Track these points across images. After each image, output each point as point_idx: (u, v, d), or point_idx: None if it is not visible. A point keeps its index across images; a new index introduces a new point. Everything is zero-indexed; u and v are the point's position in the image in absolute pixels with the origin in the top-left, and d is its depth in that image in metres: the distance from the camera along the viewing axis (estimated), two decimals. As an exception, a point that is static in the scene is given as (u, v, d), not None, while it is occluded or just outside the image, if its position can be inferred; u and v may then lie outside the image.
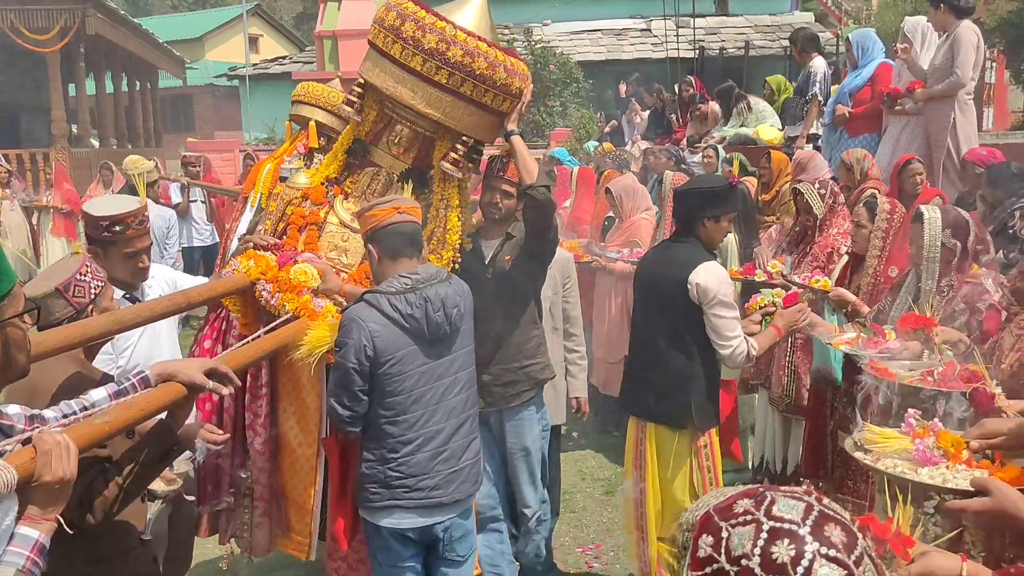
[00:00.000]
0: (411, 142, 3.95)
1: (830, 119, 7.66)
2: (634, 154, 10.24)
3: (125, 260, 3.43)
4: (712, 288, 3.79)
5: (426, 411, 3.27)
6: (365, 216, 3.32)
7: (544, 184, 3.86)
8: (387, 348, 3.17)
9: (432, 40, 3.59)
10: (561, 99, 17.04)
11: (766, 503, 1.26)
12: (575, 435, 7.14)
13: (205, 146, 17.78)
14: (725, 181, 4.01)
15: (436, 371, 3.30)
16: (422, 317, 3.21)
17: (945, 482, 2.16)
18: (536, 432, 4.34)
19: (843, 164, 6.07)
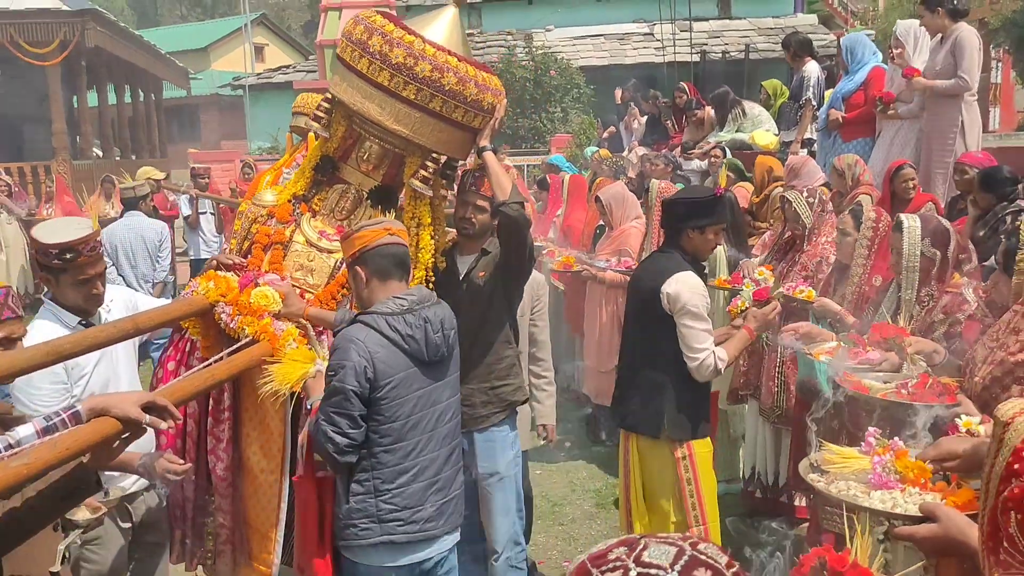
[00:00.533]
0: (380, 159, 3.85)
1: (823, 124, 7.57)
2: (631, 160, 10.19)
3: (77, 287, 3.28)
4: (682, 298, 3.75)
5: (422, 438, 3.14)
6: (353, 237, 3.20)
7: (517, 201, 3.75)
8: (387, 370, 3.05)
9: (400, 54, 3.49)
10: (562, 105, 17.01)
11: (638, 550, 1.22)
12: (567, 445, 7.08)
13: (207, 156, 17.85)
14: (711, 192, 3.97)
15: (432, 396, 3.19)
16: (422, 338, 3.11)
17: (895, 507, 2.09)
18: (509, 456, 4.17)
19: (835, 170, 6.01)
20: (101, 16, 15.09)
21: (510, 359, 4.17)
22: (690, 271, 3.86)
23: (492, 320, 4.07)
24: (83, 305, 3.34)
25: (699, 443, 3.96)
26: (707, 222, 3.88)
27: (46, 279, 3.32)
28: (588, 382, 7.06)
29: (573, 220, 7.87)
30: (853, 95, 7.32)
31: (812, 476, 2.39)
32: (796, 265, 5.09)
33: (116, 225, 8.54)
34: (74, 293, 3.29)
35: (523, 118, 16.97)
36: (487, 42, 20.51)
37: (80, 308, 3.35)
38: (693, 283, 3.82)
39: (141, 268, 8.21)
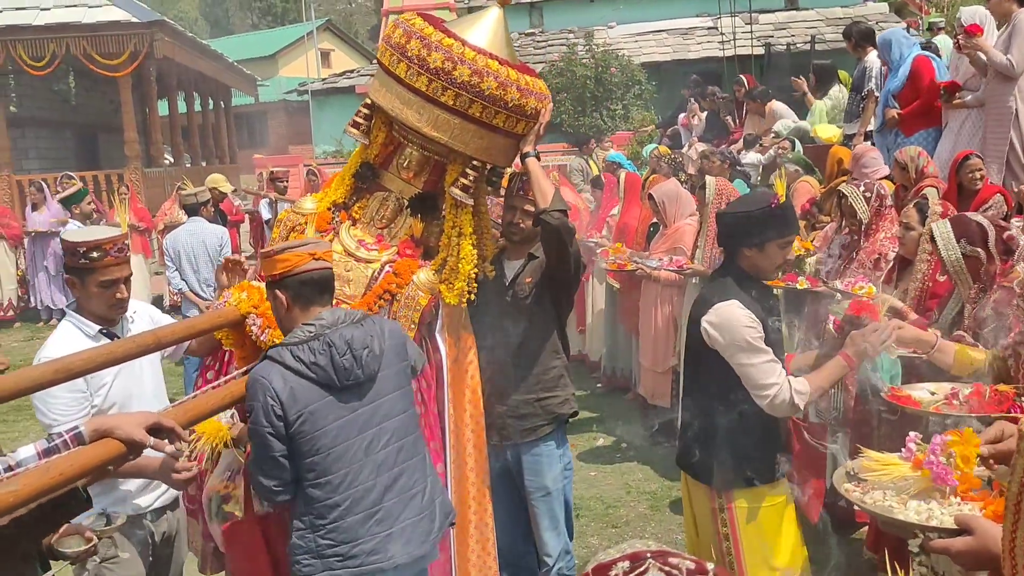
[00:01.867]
0: (421, 166, 3.75)
1: (881, 124, 7.39)
2: (691, 157, 10.04)
3: (102, 289, 3.25)
4: (724, 334, 3.23)
5: (350, 469, 2.96)
6: (275, 258, 3.01)
7: (558, 208, 3.61)
8: (296, 404, 2.89)
9: (438, 59, 3.39)
10: (623, 102, 16.85)
11: (635, 572, 1.17)
12: (622, 446, 7.00)
13: (271, 161, 18.18)
14: (765, 203, 3.37)
15: (356, 423, 2.98)
16: (327, 364, 2.92)
17: (929, 519, 1.98)
18: (557, 470, 4.02)
19: (897, 163, 5.84)
20: (169, 27, 15.47)
21: (558, 370, 4.01)
22: (734, 300, 3.27)
23: (538, 328, 3.94)
24: (106, 312, 3.32)
25: (745, 496, 3.35)
26: (767, 237, 3.31)
27: (72, 281, 3.30)
28: (644, 382, 6.97)
29: (629, 218, 7.78)
30: (901, 92, 7.16)
31: (847, 487, 2.28)
32: (854, 262, 4.94)
33: (179, 231, 8.72)
34: (98, 297, 3.27)
35: (584, 116, 16.87)
36: (548, 41, 20.46)
37: (103, 316, 3.33)
38: (734, 315, 3.24)
39: (203, 272, 8.37)
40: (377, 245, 3.70)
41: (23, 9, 14.65)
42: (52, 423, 3.14)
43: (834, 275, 4.95)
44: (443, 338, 3.72)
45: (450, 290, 3.64)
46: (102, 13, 14.48)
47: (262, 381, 2.89)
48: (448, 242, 3.70)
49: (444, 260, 3.69)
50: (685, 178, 9.09)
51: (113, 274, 3.25)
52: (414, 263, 3.64)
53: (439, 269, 3.67)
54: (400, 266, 3.62)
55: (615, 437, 7.20)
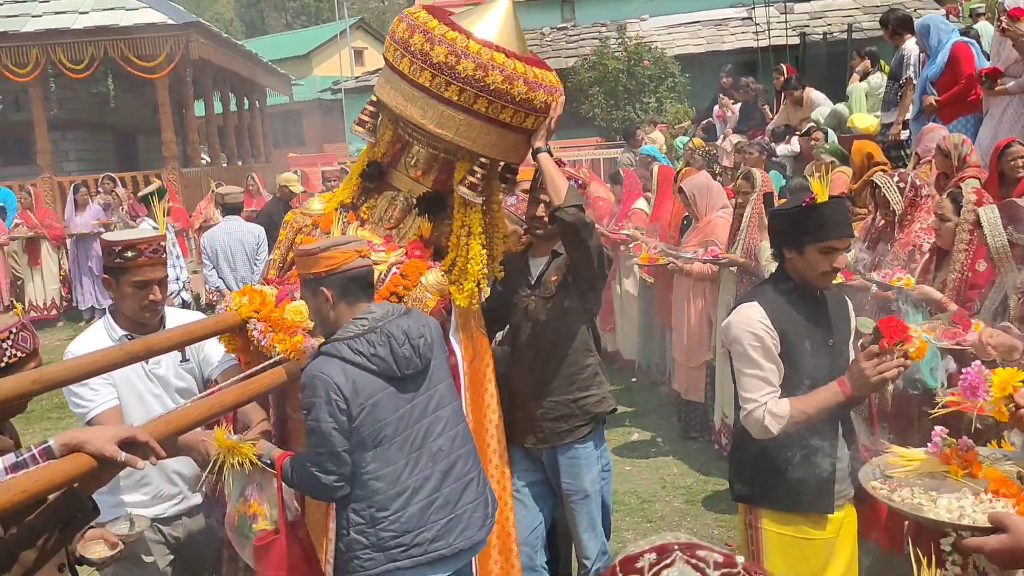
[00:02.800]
0: (429, 164, 3.65)
1: (917, 111, 7.25)
2: (725, 149, 9.96)
3: (135, 290, 3.24)
4: (733, 334, 3.04)
5: (410, 459, 2.98)
6: (320, 256, 2.97)
7: (574, 204, 3.50)
8: (359, 397, 2.89)
9: (441, 53, 3.28)
10: (656, 95, 16.74)
11: (662, 564, 1.14)
12: (658, 440, 6.96)
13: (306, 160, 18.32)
14: (798, 201, 3.10)
15: (414, 413, 3.01)
16: (387, 355, 2.94)
17: (961, 517, 1.93)
18: (595, 472, 3.93)
19: (939, 150, 5.72)
20: (205, 28, 15.64)
21: (592, 368, 3.92)
22: (755, 303, 3.06)
23: (568, 326, 3.84)
24: (138, 312, 3.30)
25: (772, 517, 3.09)
26: (806, 239, 3.01)
27: (108, 281, 3.30)
28: (678, 377, 6.92)
29: (661, 212, 7.72)
30: (940, 78, 7.02)
31: (873, 484, 2.22)
32: (888, 254, 4.85)
33: (216, 230, 8.83)
34: (132, 297, 3.26)
35: (617, 110, 16.78)
36: (580, 35, 20.38)
37: (134, 318, 3.32)
38: (746, 318, 3.03)
39: (240, 271, 8.47)
40: (384, 246, 3.62)
41: (62, 13, 14.90)
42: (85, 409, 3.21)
43: (868, 267, 4.86)
44: (458, 340, 3.61)
45: (460, 291, 3.56)
46: (139, 16, 14.68)
47: (322, 377, 2.88)
48: (457, 242, 3.61)
49: (454, 260, 3.61)
50: (720, 170, 9.01)
51: (147, 275, 3.25)
52: (422, 264, 3.55)
53: (449, 270, 3.58)
54: (407, 267, 3.53)
55: (650, 432, 7.17)
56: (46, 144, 15.14)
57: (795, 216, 3.06)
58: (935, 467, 2.21)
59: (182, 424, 2.65)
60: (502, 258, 3.89)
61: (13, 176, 15.28)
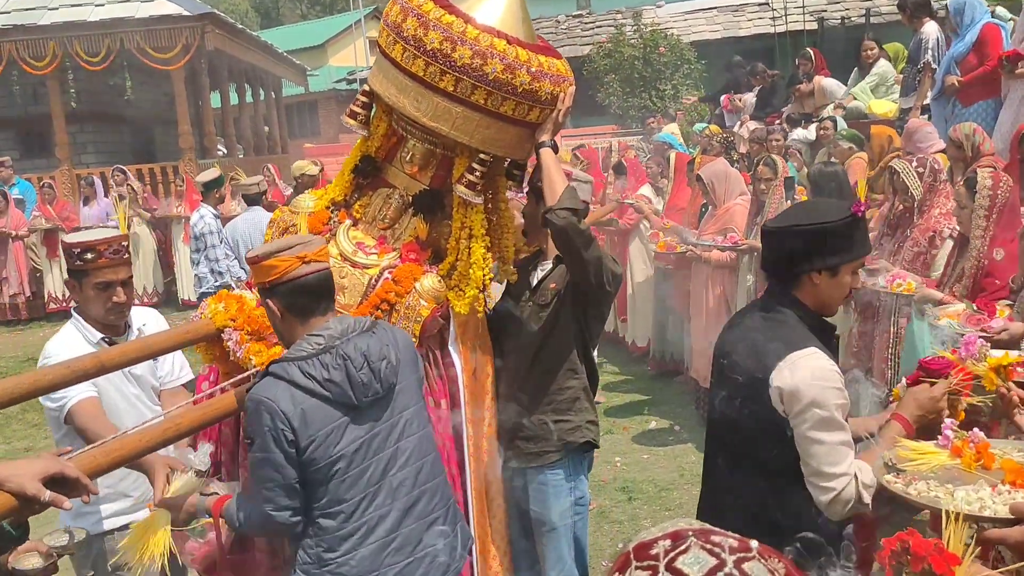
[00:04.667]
0: (426, 160, 3.34)
1: (938, 91, 7.14)
2: (742, 136, 9.89)
3: (98, 292, 3.13)
4: (806, 395, 2.41)
5: (366, 494, 2.65)
6: (263, 265, 2.66)
7: (567, 207, 3.15)
8: (308, 428, 2.56)
9: (436, 39, 2.98)
10: (672, 82, 16.65)
11: (677, 550, 1.12)
12: (676, 429, 6.96)
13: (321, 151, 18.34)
14: (846, 212, 2.54)
15: (373, 444, 2.67)
16: (343, 380, 2.60)
17: (982, 509, 1.92)
18: (564, 505, 3.57)
19: (951, 141, 5.58)
20: (220, 19, 15.64)
21: (573, 392, 3.55)
22: (813, 348, 2.49)
23: (556, 341, 3.51)
24: (104, 316, 3.20)
25: None
26: (843, 258, 2.54)
27: (71, 284, 3.23)
28: (696, 364, 6.91)
29: (679, 199, 7.70)
30: (966, 57, 6.88)
31: (888, 477, 2.17)
32: (908, 240, 4.81)
33: (237, 220, 8.87)
34: (96, 300, 3.16)
35: (633, 97, 16.71)
36: (596, 22, 20.32)
37: (103, 322, 3.22)
38: (820, 369, 2.43)
39: (259, 260, 8.49)
40: (377, 248, 3.36)
41: (78, 6, 14.93)
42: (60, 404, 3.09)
43: (886, 254, 4.82)
44: (457, 351, 3.33)
45: (459, 298, 3.26)
46: (154, 7, 14.69)
47: (268, 403, 2.56)
48: (456, 244, 3.31)
49: (453, 264, 3.31)
50: (737, 157, 8.95)
51: (107, 276, 3.14)
52: (417, 268, 3.27)
53: (448, 275, 3.30)
54: (401, 272, 3.24)
55: (668, 420, 7.16)
56: (64, 137, 15.20)
57: (840, 230, 2.52)
58: (947, 460, 2.18)
59: (126, 454, 2.43)
60: (515, 260, 3.66)
61: (32, 169, 15.39)
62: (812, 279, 2.56)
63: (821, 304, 2.60)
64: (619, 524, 5.44)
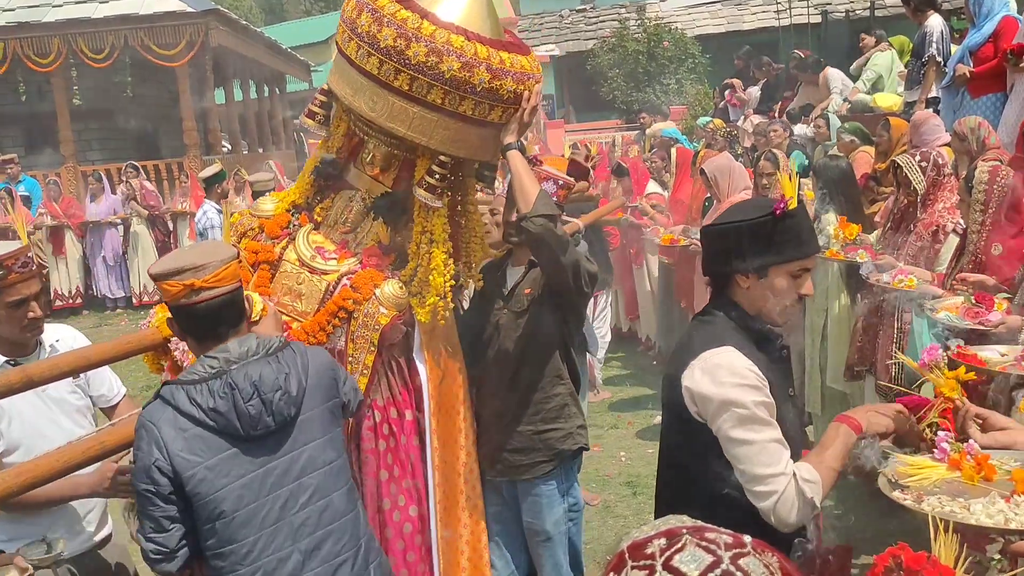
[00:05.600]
0: (387, 161, 3.22)
1: (949, 80, 7.09)
2: (746, 130, 9.88)
3: (12, 310, 2.88)
4: (716, 393, 2.27)
5: (261, 535, 2.41)
6: (159, 284, 2.49)
7: (544, 213, 3.04)
8: (190, 461, 2.35)
9: (389, 36, 2.84)
10: (676, 76, 16.65)
11: (673, 549, 1.13)
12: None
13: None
14: (767, 209, 2.39)
15: (267, 480, 2.43)
16: (229, 410, 2.37)
17: (1008, 523, 1.87)
18: (558, 514, 3.53)
19: (955, 134, 5.53)
20: (224, 15, 15.66)
21: (561, 398, 3.48)
22: (728, 347, 2.34)
23: (537, 348, 3.42)
24: (19, 335, 2.95)
25: None
26: (767, 259, 2.37)
27: None
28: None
29: (682, 193, 7.70)
30: (981, 48, 6.80)
31: (896, 495, 2.08)
32: (912, 235, 4.80)
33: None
34: (9, 320, 2.91)
35: (637, 92, 16.71)
36: (600, 17, 20.30)
37: (17, 340, 2.97)
38: (731, 366, 2.30)
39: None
40: (337, 253, 3.22)
41: (82, 3, 14.96)
42: None
43: (890, 249, 4.81)
44: (423, 359, 3.20)
45: (421, 305, 3.12)
46: (158, 4, 14.72)
47: (150, 428, 2.38)
48: (417, 250, 3.17)
49: (414, 270, 3.18)
50: (741, 151, 8.95)
51: (21, 292, 2.90)
52: (377, 275, 3.13)
53: (408, 281, 3.16)
54: (360, 278, 3.11)
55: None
56: (69, 134, 15.24)
57: (759, 229, 2.37)
58: (946, 473, 2.12)
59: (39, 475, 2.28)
60: (482, 265, 3.56)
61: (37, 166, 15.41)
62: (739, 282, 2.42)
63: (757, 309, 2.43)
64: (624, 519, 5.44)
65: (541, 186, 3.24)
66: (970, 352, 3.10)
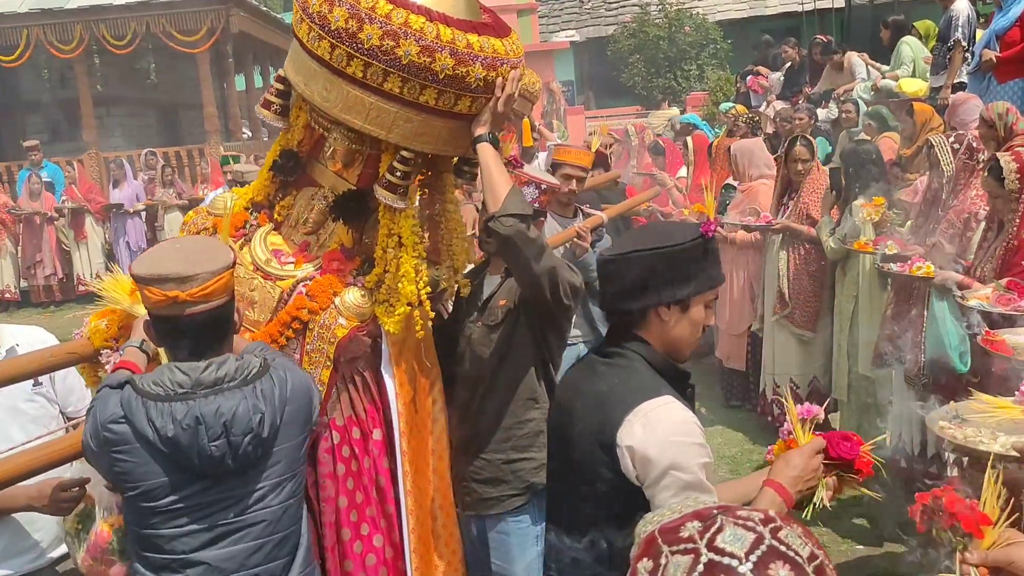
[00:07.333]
0: (350, 155, 2.88)
1: (975, 65, 7.01)
2: (768, 115, 9.81)
3: None
4: (662, 455, 2.03)
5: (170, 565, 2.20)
6: (137, 287, 2.29)
7: (514, 212, 2.67)
8: (132, 470, 2.15)
9: (340, 16, 2.51)
10: (697, 62, 16.55)
11: (712, 530, 1.12)
12: (703, 411, 6.93)
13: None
14: (695, 234, 2.19)
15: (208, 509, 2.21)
16: (190, 445, 2.13)
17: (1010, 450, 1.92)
18: (530, 556, 3.09)
19: (983, 121, 5.45)
20: (244, 2, 15.65)
21: (535, 424, 3.06)
22: (668, 396, 2.13)
23: (512, 367, 3.04)
24: None
25: None
26: (694, 289, 2.20)
27: None
28: (720, 346, 6.91)
29: (700, 180, 7.67)
30: (1008, 32, 6.72)
31: (941, 423, 2.18)
32: (943, 222, 4.73)
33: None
34: None
35: (657, 77, 16.63)
36: (621, 2, 20.16)
37: None
38: (680, 422, 2.09)
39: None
40: (295, 257, 2.91)
41: (104, -10, 15.04)
42: None
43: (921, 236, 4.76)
44: (392, 374, 2.84)
45: (389, 315, 2.75)
46: (179, -9, 14.78)
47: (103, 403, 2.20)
48: (384, 254, 2.79)
49: (381, 277, 2.81)
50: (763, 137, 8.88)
51: None
52: (337, 281, 2.82)
53: (375, 287, 2.82)
54: (317, 286, 2.80)
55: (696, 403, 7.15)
56: (91, 120, 15.34)
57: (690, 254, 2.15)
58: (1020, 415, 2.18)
59: None
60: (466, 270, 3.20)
61: (61, 152, 15.52)
62: (660, 315, 2.19)
63: (670, 346, 2.23)
64: (645, 505, 5.44)
65: (521, 190, 2.99)
66: (998, 338, 3.08)
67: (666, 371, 2.20)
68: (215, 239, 2.76)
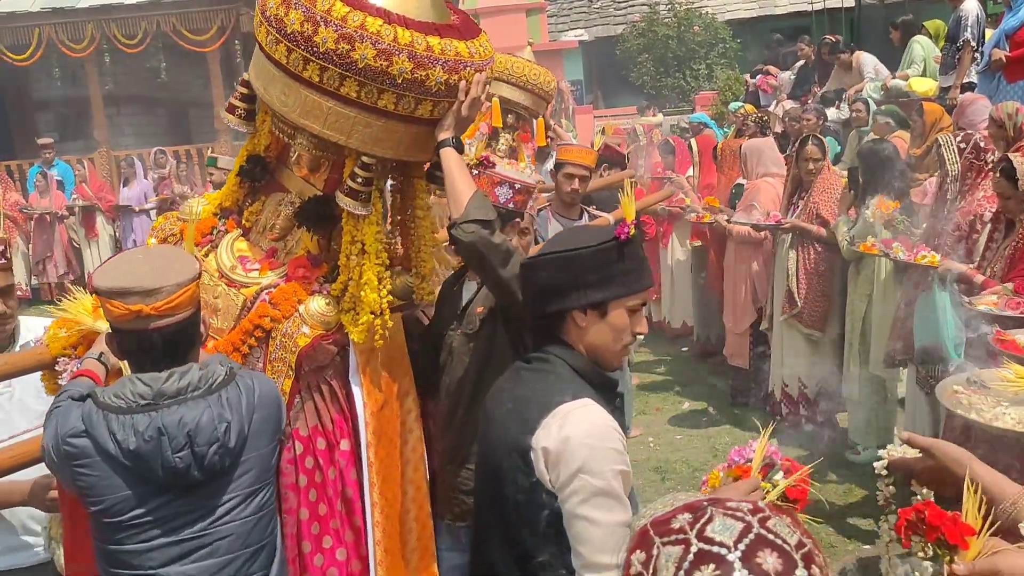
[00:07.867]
0: (315, 161, 2.85)
1: (985, 65, 7.00)
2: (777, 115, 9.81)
3: None
4: (575, 455, 1.96)
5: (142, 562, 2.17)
6: (100, 300, 2.23)
7: (477, 219, 2.60)
8: (95, 484, 2.12)
9: (296, 19, 2.46)
10: (707, 62, 16.54)
11: (702, 521, 1.16)
12: (710, 411, 6.95)
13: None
14: (607, 236, 2.16)
15: (173, 521, 2.18)
16: (153, 457, 2.09)
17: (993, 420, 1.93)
18: None
19: (992, 121, 5.43)
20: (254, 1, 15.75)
21: None
22: (588, 399, 2.07)
23: (493, 374, 2.85)
24: None
25: None
26: (611, 293, 2.15)
27: None
28: (727, 344, 6.93)
29: (709, 180, 7.70)
30: (1017, 32, 6.72)
31: (955, 387, 2.18)
32: (950, 223, 4.73)
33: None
34: None
35: (667, 77, 16.62)
36: (630, 1, 20.15)
37: None
38: (598, 424, 2.02)
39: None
40: (260, 264, 2.85)
41: (116, -11, 15.13)
42: None
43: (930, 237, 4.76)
44: (359, 383, 2.78)
45: (354, 324, 2.70)
46: (190, -10, 14.85)
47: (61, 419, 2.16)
48: (348, 262, 2.74)
49: (345, 284, 2.76)
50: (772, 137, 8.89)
51: None
52: (301, 289, 2.77)
53: (341, 295, 2.77)
54: (280, 294, 2.75)
55: (703, 402, 7.17)
56: (102, 119, 15.43)
57: (602, 257, 2.11)
58: None
59: None
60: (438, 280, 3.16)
61: (72, 151, 15.62)
62: (576, 320, 2.15)
63: (593, 352, 2.17)
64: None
65: (494, 190, 2.95)
66: (1009, 338, 3.08)
67: (592, 378, 2.15)
68: (180, 249, 2.73)
